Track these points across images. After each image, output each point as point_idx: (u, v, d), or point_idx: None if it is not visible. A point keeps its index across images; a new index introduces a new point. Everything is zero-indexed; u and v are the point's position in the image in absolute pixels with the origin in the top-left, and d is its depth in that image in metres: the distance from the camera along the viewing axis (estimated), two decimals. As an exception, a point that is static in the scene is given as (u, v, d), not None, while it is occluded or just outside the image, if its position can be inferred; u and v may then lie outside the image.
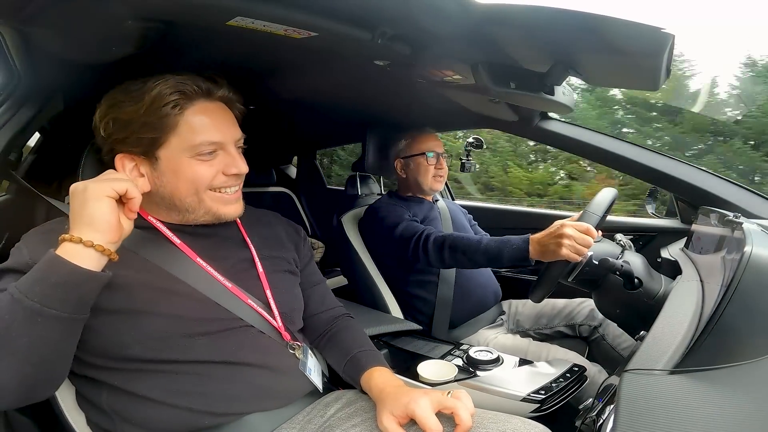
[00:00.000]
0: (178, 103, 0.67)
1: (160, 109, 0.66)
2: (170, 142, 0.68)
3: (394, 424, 0.62)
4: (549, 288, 1.01)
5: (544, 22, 0.63)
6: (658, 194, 1.50)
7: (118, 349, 0.65)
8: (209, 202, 0.72)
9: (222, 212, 0.73)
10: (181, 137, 0.68)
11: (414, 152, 1.44)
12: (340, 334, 0.87)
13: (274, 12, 0.62)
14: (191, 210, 0.72)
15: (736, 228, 0.80)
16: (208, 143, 0.69)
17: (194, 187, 0.70)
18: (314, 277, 0.93)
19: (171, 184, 0.70)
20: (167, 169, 0.69)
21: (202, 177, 0.69)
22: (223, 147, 0.71)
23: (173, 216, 0.74)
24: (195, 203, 0.71)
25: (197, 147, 0.68)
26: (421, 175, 1.43)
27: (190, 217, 0.73)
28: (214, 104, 0.72)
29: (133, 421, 0.65)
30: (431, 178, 1.43)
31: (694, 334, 0.58)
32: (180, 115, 0.68)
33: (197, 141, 0.68)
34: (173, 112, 0.67)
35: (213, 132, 0.69)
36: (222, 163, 0.71)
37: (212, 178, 0.70)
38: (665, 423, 0.45)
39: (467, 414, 0.59)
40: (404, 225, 1.26)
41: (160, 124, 0.67)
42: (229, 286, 0.72)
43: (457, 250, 1.13)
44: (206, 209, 0.72)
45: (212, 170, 0.70)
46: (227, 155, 0.71)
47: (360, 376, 0.76)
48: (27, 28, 0.68)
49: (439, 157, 1.43)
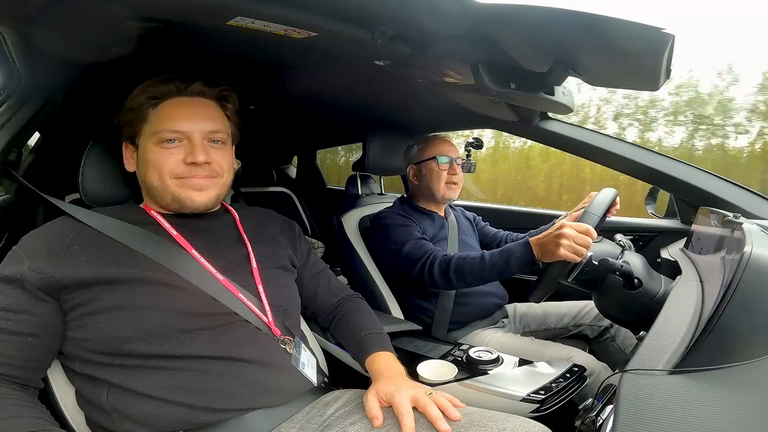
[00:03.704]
0: (155, 97, 0.76)
1: (140, 103, 0.76)
2: (144, 130, 0.76)
3: (375, 401, 0.69)
4: (549, 288, 1.01)
5: (545, 22, 0.63)
6: (658, 194, 1.50)
7: (117, 344, 0.66)
8: (173, 188, 0.75)
9: (184, 198, 0.76)
10: (151, 126, 0.75)
11: (425, 157, 1.40)
12: (349, 316, 0.93)
13: (274, 12, 0.62)
14: (160, 196, 0.76)
15: (736, 228, 0.80)
16: (169, 131, 0.74)
17: (158, 173, 0.75)
18: (317, 267, 0.97)
19: (144, 170, 0.77)
20: (142, 156, 0.77)
21: (164, 163, 0.74)
22: (188, 137, 0.75)
23: (162, 206, 0.79)
24: (161, 189, 0.76)
25: (159, 134, 0.74)
26: (433, 181, 1.38)
27: (163, 203, 0.77)
28: (191, 99, 0.77)
29: (133, 419, 0.65)
30: (443, 186, 1.38)
31: (694, 334, 0.58)
32: (152, 107, 0.76)
33: (159, 128, 0.74)
34: (149, 103, 0.76)
35: (177, 122, 0.75)
36: (184, 152, 0.75)
37: (174, 166, 0.75)
38: (665, 423, 0.45)
39: (437, 413, 0.64)
40: (411, 245, 1.23)
41: (138, 115, 0.76)
42: (221, 278, 0.74)
43: (463, 271, 1.11)
44: (171, 195, 0.76)
45: (173, 158, 0.74)
46: (190, 145, 0.75)
47: (365, 359, 0.83)
48: (27, 28, 0.68)
49: (453, 163, 1.38)
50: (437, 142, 1.42)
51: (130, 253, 0.70)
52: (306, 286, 0.94)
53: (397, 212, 1.36)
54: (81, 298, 0.67)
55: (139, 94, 0.76)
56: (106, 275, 0.67)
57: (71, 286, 0.66)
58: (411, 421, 0.63)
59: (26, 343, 0.65)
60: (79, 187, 0.81)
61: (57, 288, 0.66)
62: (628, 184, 2.47)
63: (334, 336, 0.96)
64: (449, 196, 1.40)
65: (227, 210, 0.88)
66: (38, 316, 0.66)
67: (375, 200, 1.61)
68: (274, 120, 1.89)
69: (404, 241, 1.24)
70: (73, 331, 0.67)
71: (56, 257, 0.67)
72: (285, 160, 2.93)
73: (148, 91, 0.76)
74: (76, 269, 0.66)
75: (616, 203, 1.15)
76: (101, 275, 0.67)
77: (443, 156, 1.37)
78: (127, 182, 0.84)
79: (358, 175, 1.69)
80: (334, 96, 1.34)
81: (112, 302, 0.66)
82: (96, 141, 0.83)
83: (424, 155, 1.41)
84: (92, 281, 0.66)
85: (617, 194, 1.09)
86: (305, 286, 0.93)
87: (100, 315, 0.66)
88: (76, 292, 0.66)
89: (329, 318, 0.96)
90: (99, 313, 0.66)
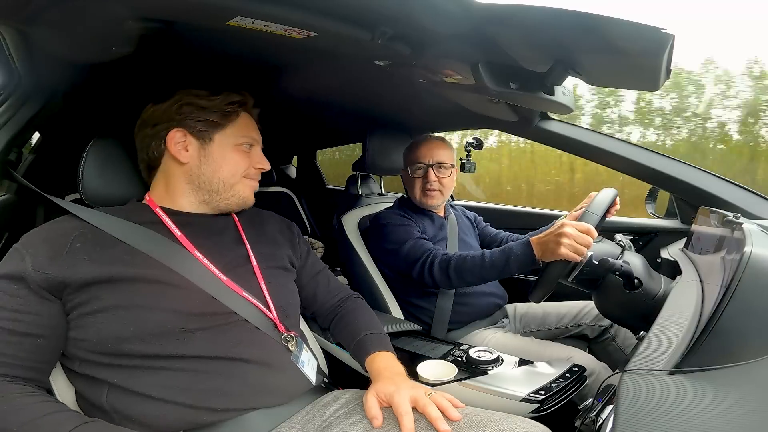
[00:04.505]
0: (241, 104, 0.84)
1: (229, 104, 0.82)
2: (227, 129, 0.82)
3: (374, 401, 0.69)
4: (548, 288, 1.01)
5: (544, 22, 0.63)
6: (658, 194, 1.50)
7: (117, 344, 0.66)
8: (241, 186, 0.83)
9: (247, 197, 0.85)
10: (235, 128, 0.82)
11: (407, 162, 1.41)
12: (348, 316, 0.94)
13: (274, 12, 0.62)
14: (221, 191, 0.82)
15: (736, 228, 0.80)
16: (251, 138, 0.85)
17: (234, 170, 0.82)
18: (316, 267, 0.98)
19: (215, 164, 0.80)
20: (216, 151, 0.81)
21: (242, 164, 0.83)
22: (256, 146, 0.86)
23: (192, 197, 0.81)
24: (229, 185, 0.82)
25: (243, 138, 0.83)
26: (409, 187, 1.40)
27: (214, 197, 0.82)
28: (250, 113, 0.88)
29: (133, 419, 0.65)
30: (419, 192, 1.38)
31: (694, 335, 0.58)
32: (238, 113, 0.83)
33: (244, 134, 0.83)
34: (236, 110, 0.83)
35: (253, 132, 0.86)
36: (254, 158, 0.85)
37: (247, 167, 0.84)
38: (665, 423, 0.45)
39: (436, 413, 0.65)
40: (411, 244, 1.23)
41: (227, 113, 0.82)
42: (225, 279, 0.75)
43: (463, 270, 1.11)
44: (235, 192, 0.83)
45: (248, 161, 0.84)
46: (257, 153, 0.86)
47: (365, 359, 0.83)
48: (27, 28, 0.68)
49: (429, 169, 1.36)
50: (420, 146, 1.40)
51: (132, 251, 0.71)
52: (305, 286, 0.94)
53: (397, 212, 1.36)
54: (81, 298, 0.67)
55: (229, 97, 0.82)
56: (107, 274, 0.67)
57: (73, 285, 0.66)
58: (410, 421, 0.64)
59: (36, 344, 0.65)
60: (79, 187, 0.81)
61: (60, 288, 0.66)
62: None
63: (334, 336, 0.96)
64: (428, 203, 1.39)
65: None
66: (46, 317, 0.66)
67: (375, 200, 1.61)
68: (274, 120, 1.88)
69: (404, 241, 1.24)
70: (73, 331, 0.68)
71: (58, 256, 0.67)
72: (285, 160, 2.93)
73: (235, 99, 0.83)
74: (77, 268, 0.66)
75: (616, 203, 1.15)
76: (102, 274, 0.67)
77: (416, 164, 1.38)
78: (127, 182, 0.85)
79: (358, 175, 1.69)
80: (334, 96, 1.34)
81: (111, 302, 0.66)
82: (96, 140, 0.83)
83: (407, 160, 1.42)
84: (93, 280, 0.66)
85: (617, 194, 1.09)
86: (305, 287, 0.94)
87: (100, 315, 0.66)
88: (77, 292, 0.66)
89: (329, 318, 0.96)
90: (98, 313, 0.66)
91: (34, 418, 0.59)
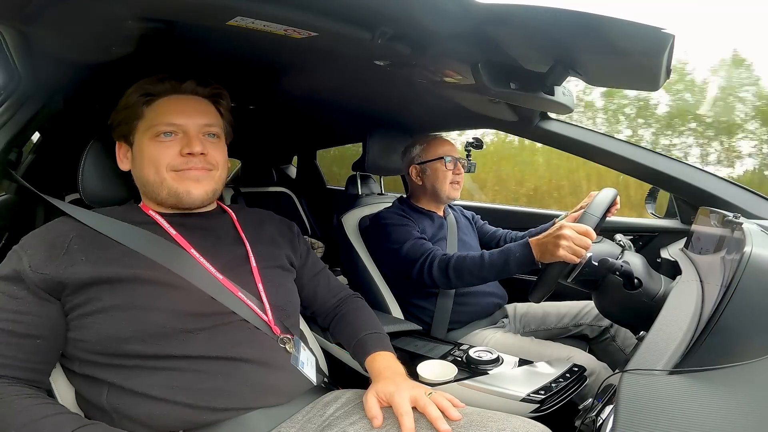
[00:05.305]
0: (150, 94, 0.77)
1: (134, 100, 0.77)
2: (138, 127, 0.77)
3: (374, 401, 0.69)
4: (548, 288, 1.01)
5: (545, 22, 0.63)
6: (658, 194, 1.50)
7: (116, 344, 0.66)
8: (170, 182, 0.76)
9: (181, 191, 0.76)
10: (146, 122, 0.77)
11: (431, 157, 1.39)
12: (348, 316, 0.93)
13: (274, 12, 0.62)
14: (156, 191, 0.77)
15: (736, 228, 0.80)
16: (166, 124, 0.76)
17: (155, 167, 0.76)
18: (316, 267, 0.97)
19: (140, 166, 0.77)
20: (137, 152, 0.78)
21: (161, 156, 0.76)
22: (184, 130, 0.77)
23: (151, 202, 0.79)
24: (158, 183, 0.76)
25: (155, 128, 0.76)
26: (438, 181, 1.38)
27: (159, 199, 0.78)
28: (185, 97, 0.80)
29: (133, 419, 0.65)
30: (449, 185, 1.39)
31: (694, 335, 0.58)
32: (147, 105, 0.77)
33: (155, 122, 0.76)
34: (143, 100, 0.77)
35: (173, 116, 0.76)
36: (180, 144, 0.76)
37: (171, 158, 0.76)
38: (665, 423, 0.45)
39: (437, 413, 0.64)
40: (411, 244, 1.23)
41: (133, 112, 0.78)
42: (220, 278, 0.74)
43: (462, 271, 1.11)
44: (168, 189, 0.76)
45: (170, 151, 0.76)
46: (186, 138, 0.77)
47: (365, 359, 0.83)
48: (27, 28, 0.68)
49: (457, 162, 1.39)
50: (440, 141, 1.42)
51: (129, 253, 0.71)
52: (305, 286, 0.94)
53: (396, 212, 1.36)
54: (80, 299, 0.67)
55: (133, 93, 0.77)
56: (105, 275, 0.67)
57: (71, 286, 0.66)
58: (410, 421, 0.63)
59: (35, 345, 0.65)
60: (78, 187, 0.81)
61: (59, 288, 0.66)
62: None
63: (334, 336, 0.96)
64: (453, 195, 1.41)
65: (224, 210, 0.88)
66: (45, 318, 0.66)
67: (375, 200, 1.61)
68: (274, 120, 1.89)
69: (403, 241, 1.24)
70: (72, 331, 0.68)
71: (56, 257, 0.67)
72: (285, 160, 2.93)
73: (143, 88, 0.77)
74: (75, 269, 0.66)
75: (616, 203, 1.15)
76: (100, 275, 0.67)
77: (449, 156, 1.38)
78: (126, 182, 0.85)
79: (358, 175, 1.69)
80: (334, 96, 1.34)
81: (110, 302, 0.66)
82: (96, 141, 0.83)
83: (428, 155, 1.41)
84: (91, 281, 0.66)
85: (617, 194, 1.09)
86: (305, 286, 0.94)
87: (99, 315, 0.66)
88: (75, 293, 0.67)
89: (329, 318, 0.96)
90: (98, 314, 0.66)
91: (33, 420, 0.59)
